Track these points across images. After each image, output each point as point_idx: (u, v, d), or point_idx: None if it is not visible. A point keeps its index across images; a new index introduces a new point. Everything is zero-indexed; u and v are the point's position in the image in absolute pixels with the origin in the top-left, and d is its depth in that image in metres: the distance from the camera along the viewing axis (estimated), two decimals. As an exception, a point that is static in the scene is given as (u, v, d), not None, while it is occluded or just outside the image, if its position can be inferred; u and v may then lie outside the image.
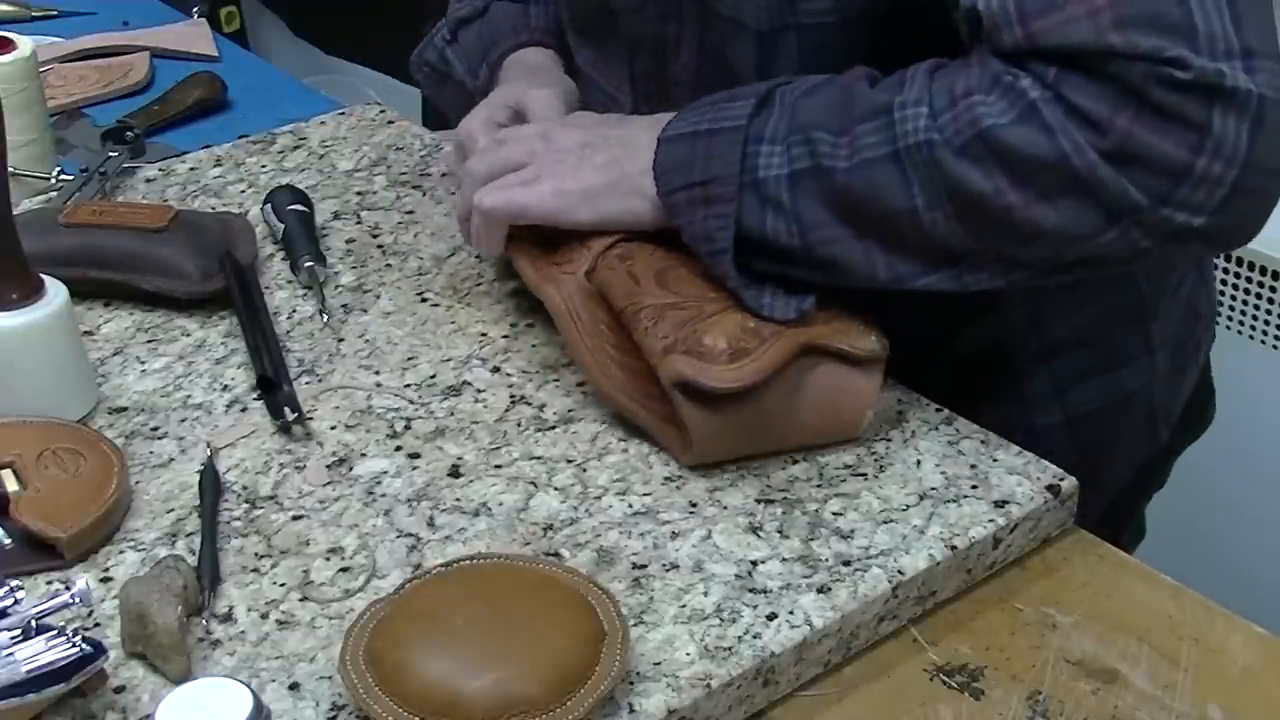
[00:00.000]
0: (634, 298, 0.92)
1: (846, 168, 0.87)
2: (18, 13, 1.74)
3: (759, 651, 0.78)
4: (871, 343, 0.91)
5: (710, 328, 0.88)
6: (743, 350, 0.87)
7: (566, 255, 0.98)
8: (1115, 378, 1.08)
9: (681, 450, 0.90)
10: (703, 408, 0.87)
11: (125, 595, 0.77)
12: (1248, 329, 1.80)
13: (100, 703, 0.75)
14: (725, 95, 0.92)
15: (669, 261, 0.94)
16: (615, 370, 0.93)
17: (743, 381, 0.86)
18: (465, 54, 1.20)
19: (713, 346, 0.87)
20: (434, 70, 1.23)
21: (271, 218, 1.17)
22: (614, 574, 0.83)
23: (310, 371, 1.01)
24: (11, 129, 0.97)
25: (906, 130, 0.85)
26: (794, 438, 0.91)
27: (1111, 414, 1.09)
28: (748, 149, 0.89)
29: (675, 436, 0.90)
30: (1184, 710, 0.78)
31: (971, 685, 0.80)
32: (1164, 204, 0.80)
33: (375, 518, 0.87)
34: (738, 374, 0.86)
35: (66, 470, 0.87)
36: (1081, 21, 0.79)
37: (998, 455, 0.92)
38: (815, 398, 0.90)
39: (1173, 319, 1.10)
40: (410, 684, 0.72)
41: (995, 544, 0.87)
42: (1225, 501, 1.21)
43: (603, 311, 0.96)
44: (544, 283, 0.98)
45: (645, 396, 0.92)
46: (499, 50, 1.17)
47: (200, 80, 1.52)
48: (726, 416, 0.88)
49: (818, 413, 0.90)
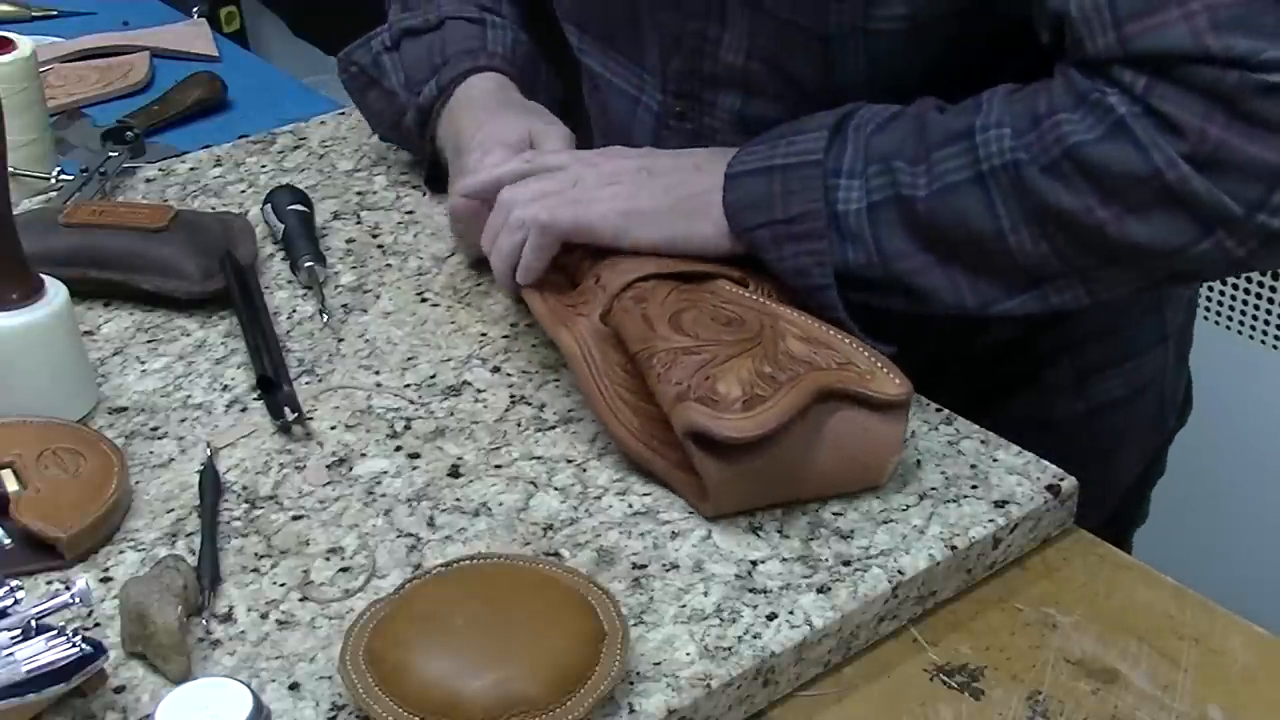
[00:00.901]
0: (648, 342, 0.89)
1: (927, 194, 0.87)
2: (18, 13, 1.74)
3: (759, 651, 0.78)
4: (895, 386, 0.85)
5: (724, 374, 0.85)
6: (758, 398, 0.83)
7: (581, 296, 0.96)
8: (1134, 368, 1.09)
9: (699, 499, 0.86)
10: (718, 458, 0.83)
11: (125, 595, 0.77)
12: (1247, 329, 1.80)
13: (100, 703, 0.75)
14: (790, 128, 0.92)
15: (684, 303, 0.91)
16: (630, 415, 0.90)
17: (757, 431, 0.82)
18: (406, 65, 1.16)
19: (726, 394, 0.83)
20: (362, 72, 1.19)
21: (271, 218, 1.17)
22: (614, 574, 0.83)
23: (310, 371, 1.01)
24: (11, 129, 0.97)
25: (990, 152, 0.85)
26: (815, 487, 0.87)
27: (1129, 404, 1.10)
28: (827, 182, 0.89)
29: (692, 484, 0.86)
30: (1184, 710, 0.78)
31: (971, 685, 0.80)
32: (1259, 210, 0.80)
33: (375, 518, 0.87)
34: (752, 423, 0.82)
35: (66, 470, 0.87)
36: (1178, 25, 0.79)
37: (998, 455, 0.92)
38: (836, 445, 0.86)
39: (1180, 307, 1.12)
40: (410, 684, 0.72)
41: (995, 544, 0.86)
42: (1225, 502, 1.21)
43: (617, 354, 0.92)
44: (558, 325, 0.95)
45: (661, 443, 0.88)
46: (455, 71, 1.12)
47: (200, 80, 1.52)
48: (743, 466, 0.84)
49: (839, 460, 0.86)
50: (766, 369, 0.85)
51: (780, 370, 0.85)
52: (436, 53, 1.15)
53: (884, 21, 0.92)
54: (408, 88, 1.15)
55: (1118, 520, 0.99)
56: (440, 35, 1.16)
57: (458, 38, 1.15)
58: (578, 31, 1.14)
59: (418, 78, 1.14)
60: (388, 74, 1.17)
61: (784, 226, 0.90)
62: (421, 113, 1.14)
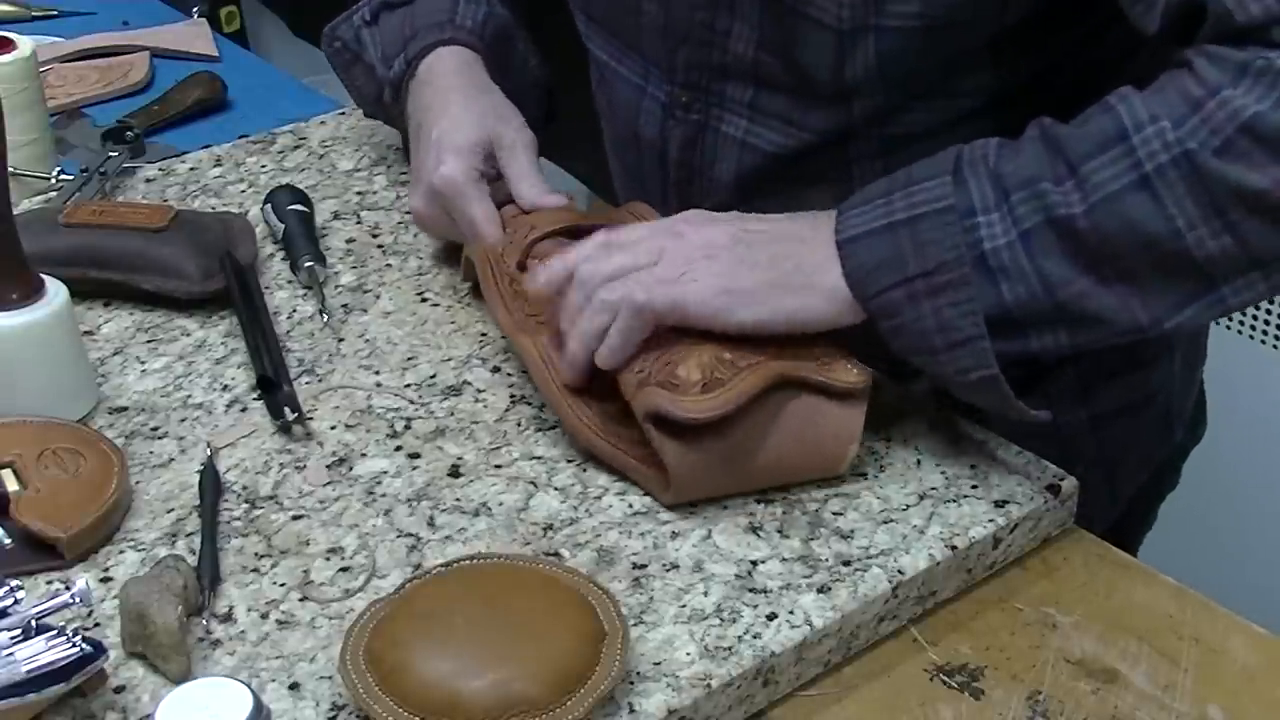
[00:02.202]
0: None
1: (1086, 210, 0.81)
2: (18, 13, 1.74)
3: (759, 651, 0.78)
4: (853, 375, 0.87)
5: (684, 359, 0.86)
6: (716, 381, 0.84)
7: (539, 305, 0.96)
8: (1139, 378, 1.08)
9: (661, 490, 0.87)
10: (679, 442, 0.84)
11: (125, 595, 0.77)
12: (1247, 329, 1.80)
13: (100, 703, 0.75)
14: (898, 182, 0.86)
15: None
16: (592, 414, 0.91)
17: (715, 411, 0.83)
18: (382, 40, 1.14)
19: (686, 378, 0.84)
20: (346, 48, 1.18)
21: (271, 218, 1.17)
22: (614, 574, 0.83)
23: (310, 371, 1.01)
24: (11, 129, 0.97)
25: (1153, 150, 0.80)
26: (774, 474, 0.88)
27: (1133, 414, 1.08)
28: (965, 223, 0.83)
29: (654, 477, 0.87)
30: (1184, 710, 0.78)
31: (971, 685, 0.80)
32: None
33: (375, 518, 0.87)
34: (710, 404, 0.83)
35: (66, 470, 0.87)
36: None
37: (998, 455, 0.92)
38: (794, 432, 0.87)
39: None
40: (410, 684, 0.72)
41: (995, 544, 0.86)
42: (1225, 501, 1.21)
43: None
44: (518, 332, 0.96)
45: (622, 440, 0.89)
46: (421, 44, 1.11)
47: (200, 80, 1.52)
48: (703, 450, 0.85)
49: (798, 447, 0.87)
50: (726, 355, 0.86)
51: (740, 357, 0.86)
52: (407, 25, 1.13)
53: (896, 18, 0.91)
54: (384, 62, 1.14)
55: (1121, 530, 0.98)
56: (412, 9, 1.14)
57: (428, 10, 1.13)
58: (584, 18, 1.13)
59: (391, 52, 1.13)
60: (367, 49, 1.16)
61: (922, 281, 0.83)
62: (394, 88, 1.13)
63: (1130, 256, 0.82)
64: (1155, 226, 0.80)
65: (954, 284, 0.83)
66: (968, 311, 0.83)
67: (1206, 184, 0.79)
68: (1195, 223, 0.80)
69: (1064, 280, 0.83)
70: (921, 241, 0.84)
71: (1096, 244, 0.82)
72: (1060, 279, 0.83)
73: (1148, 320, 0.83)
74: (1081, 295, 0.83)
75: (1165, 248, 0.81)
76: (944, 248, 0.83)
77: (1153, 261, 0.82)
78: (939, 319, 0.84)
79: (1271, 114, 0.77)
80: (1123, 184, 0.80)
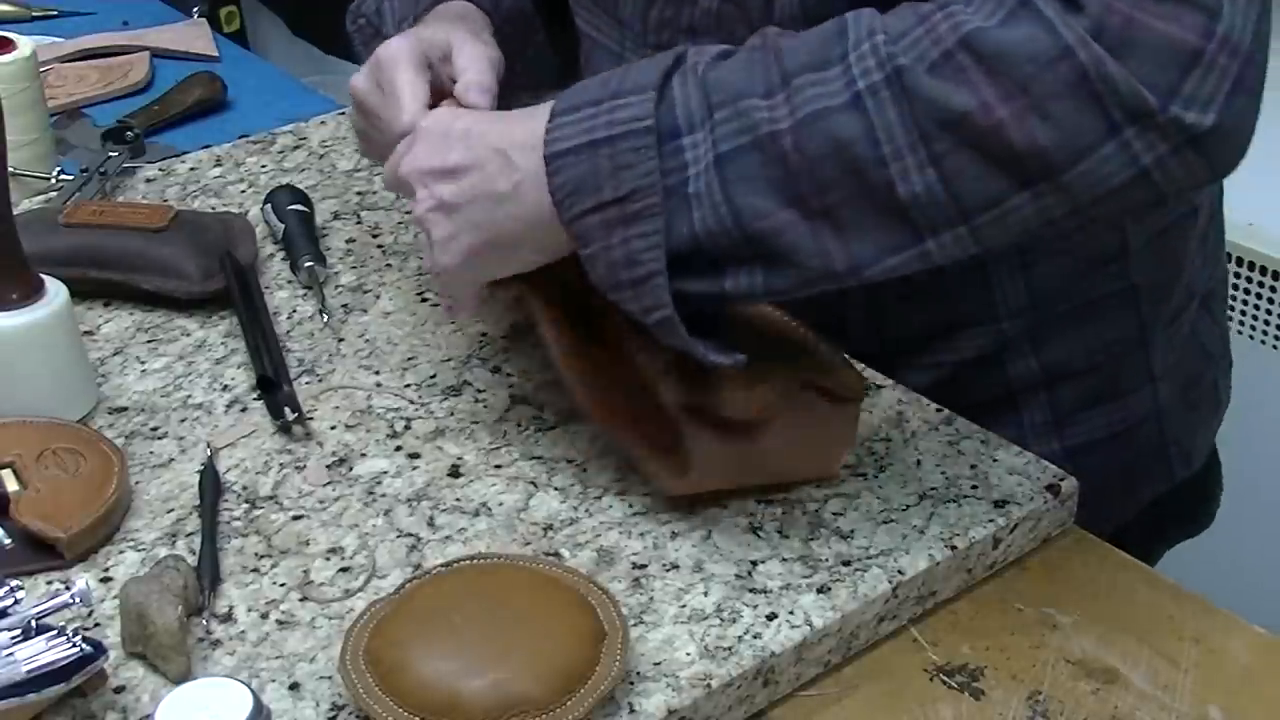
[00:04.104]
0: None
1: (791, 127, 0.75)
2: (18, 13, 1.74)
3: (759, 651, 0.78)
4: (856, 379, 0.88)
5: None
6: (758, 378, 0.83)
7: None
8: (1117, 408, 1.05)
9: (671, 475, 0.86)
10: (707, 431, 0.84)
11: (125, 595, 0.77)
12: (1248, 329, 1.80)
13: (100, 703, 0.75)
14: (614, 83, 0.80)
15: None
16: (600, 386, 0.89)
17: (758, 411, 0.84)
18: (397, 7, 1.10)
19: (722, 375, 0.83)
20: (369, 23, 1.14)
21: (271, 218, 1.17)
22: (614, 574, 0.83)
23: (310, 371, 1.01)
24: (11, 129, 0.97)
25: (867, 67, 0.74)
26: (777, 472, 0.88)
27: (1114, 446, 1.05)
28: (664, 148, 0.78)
29: (664, 464, 0.86)
30: (1184, 710, 0.78)
31: (971, 685, 0.80)
32: (1172, 98, 0.71)
33: (375, 518, 0.87)
34: (752, 399, 0.83)
35: (66, 470, 0.87)
36: None
37: (998, 455, 0.92)
38: (801, 432, 0.87)
39: (1174, 349, 1.07)
40: (410, 684, 0.72)
41: (995, 544, 0.86)
42: (1226, 501, 1.21)
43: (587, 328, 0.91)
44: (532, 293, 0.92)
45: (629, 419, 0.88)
46: (425, 3, 1.06)
47: (200, 80, 1.52)
48: (726, 443, 0.85)
49: (802, 448, 0.87)
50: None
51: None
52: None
53: None
54: (396, 27, 1.09)
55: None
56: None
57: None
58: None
59: (403, 14, 1.09)
60: (385, 21, 1.12)
61: (615, 208, 0.78)
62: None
63: (833, 188, 0.75)
64: (861, 150, 0.74)
65: (643, 214, 0.77)
66: (652, 245, 0.78)
67: (915, 105, 0.73)
68: (902, 151, 0.74)
69: (758, 211, 0.76)
70: (618, 165, 0.78)
71: (798, 167, 0.75)
72: (754, 210, 0.76)
73: (844, 265, 0.77)
74: (776, 230, 0.77)
75: (870, 178, 0.75)
76: (638, 173, 0.77)
77: (855, 193, 0.75)
78: (627, 251, 0.78)
79: (995, 30, 0.72)
80: (833, 103, 0.74)
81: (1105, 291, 1.02)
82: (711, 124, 0.77)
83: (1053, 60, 0.71)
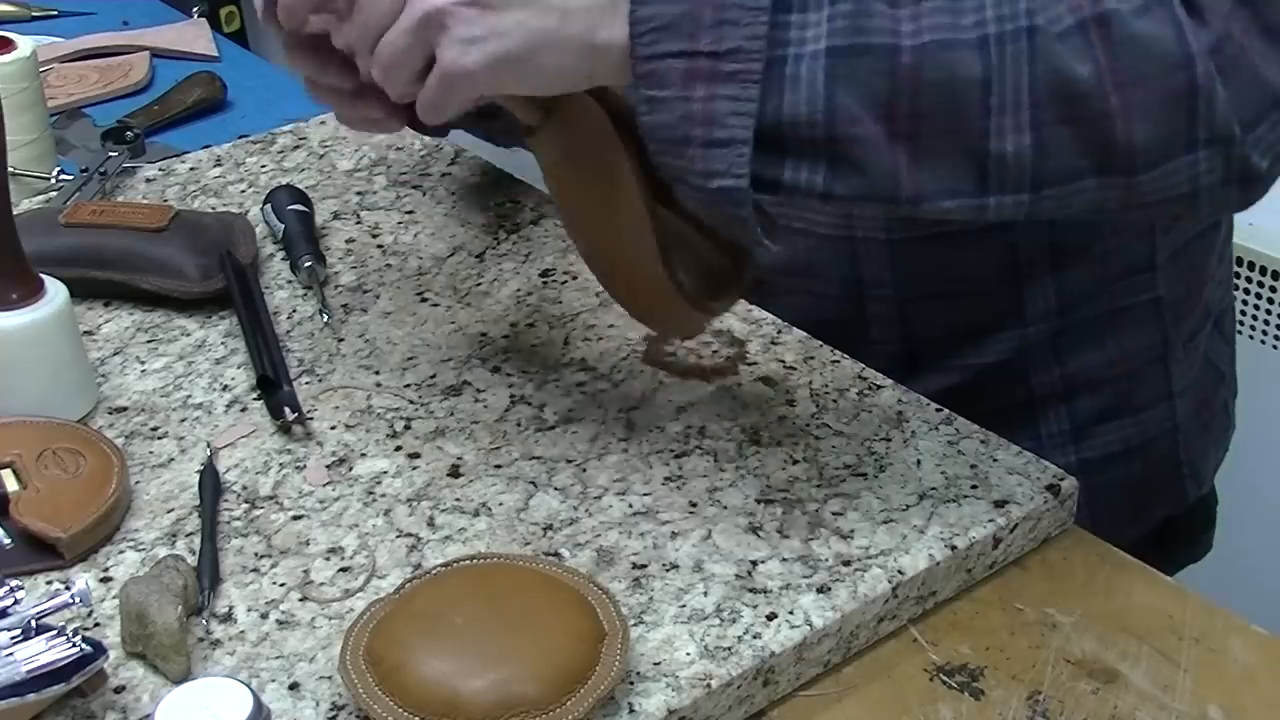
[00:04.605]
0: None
1: (912, 46, 0.73)
2: (18, 13, 1.74)
3: (759, 651, 0.78)
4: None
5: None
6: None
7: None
8: (1134, 422, 1.05)
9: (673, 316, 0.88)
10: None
11: (125, 595, 0.77)
12: (1248, 329, 1.80)
13: (100, 703, 0.75)
14: None
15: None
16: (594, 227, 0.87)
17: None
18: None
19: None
20: None
21: (271, 218, 1.17)
22: (614, 574, 0.83)
23: (310, 371, 1.01)
24: (11, 129, 0.97)
25: (1002, 14, 0.73)
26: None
27: (1129, 461, 1.06)
28: (776, 17, 0.74)
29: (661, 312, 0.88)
30: (1184, 710, 0.78)
31: (971, 685, 0.80)
32: (1247, 134, 0.73)
33: (375, 518, 0.87)
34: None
35: (66, 470, 0.87)
36: None
37: (998, 455, 0.92)
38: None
39: (1191, 368, 1.07)
40: (410, 684, 0.72)
41: (995, 544, 0.86)
42: (1226, 501, 1.21)
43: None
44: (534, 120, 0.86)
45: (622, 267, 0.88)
46: None
47: (200, 80, 1.52)
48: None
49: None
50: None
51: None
52: None
53: None
54: None
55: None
56: None
57: None
58: None
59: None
60: None
61: (708, 61, 0.73)
62: None
63: (929, 117, 0.74)
64: (972, 93, 0.73)
65: (738, 76, 0.73)
66: (743, 112, 0.74)
67: (1036, 67, 0.72)
68: (1006, 106, 0.73)
69: (852, 115, 0.74)
70: (724, 19, 0.73)
71: (905, 87, 0.74)
72: (848, 113, 0.74)
73: (908, 192, 0.76)
74: (861, 138, 0.74)
75: (968, 122, 0.74)
76: (744, 33, 0.73)
77: (947, 130, 0.74)
78: (709, 109, 0.74)
79: (1130, 17, 0.72)
80: (961, 37, 0.73)
81: (1131, 302, 1.02)
82: (830, 13, 0.74)
83: (1173, 66, 0.72)
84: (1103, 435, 1.04)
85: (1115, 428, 1.04)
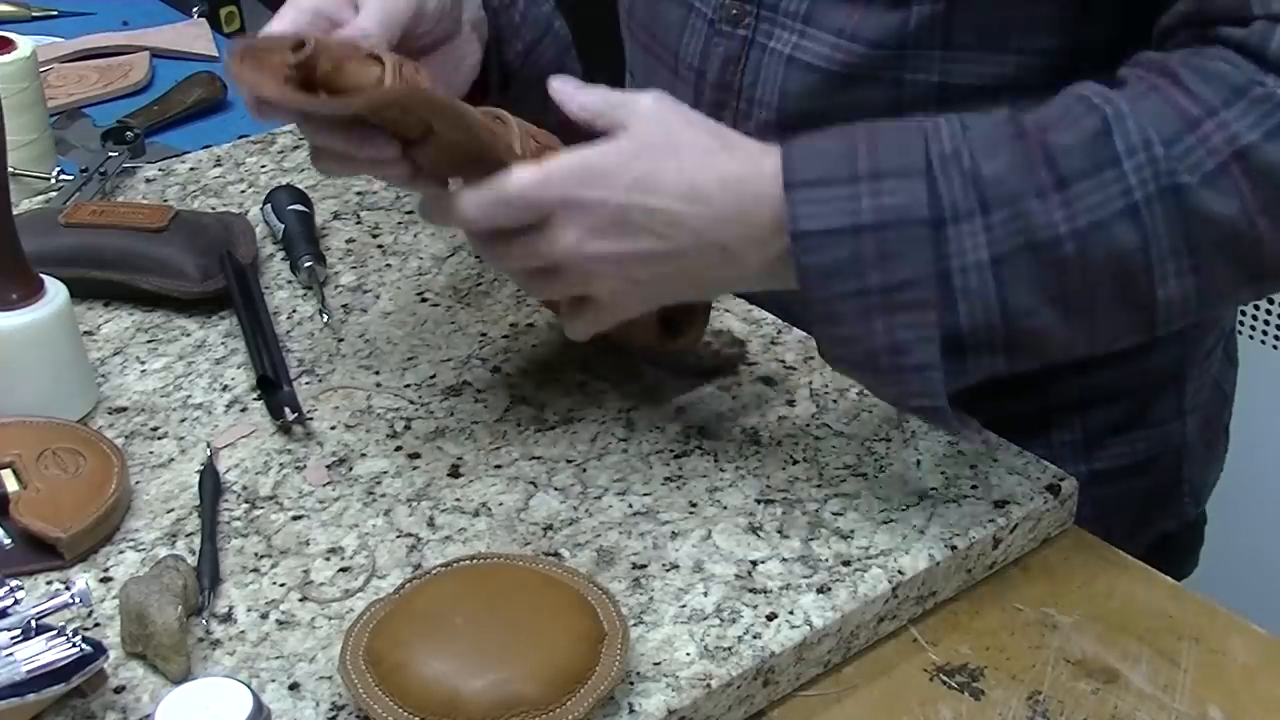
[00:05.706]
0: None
1: (1071, 233, 0.75)
2: (18, 13, 1.74)
3: (759, 651, 0.78)
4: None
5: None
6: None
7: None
8: (1143, 437, 1.05)
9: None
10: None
11: (125, 595, 0.77)
12: (1248, 329, 1.80)
13: (100, 703, 0.75)
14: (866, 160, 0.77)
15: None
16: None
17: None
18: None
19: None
20: None
21: (271, 218, 1.17)
22: (614, 574, 0.83)
23: (310, 371, 1.01)
24: (11, 129, 0.97)
25: (1144, 178, 0.75)
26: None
27: (1134, 476, 1.05)
28: (936, 235, 0.75)
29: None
30: (1184, 710, 0.78)
31: (971, 685, 0.80)
32: None
33: (375, 518, 0.87)
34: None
35: (66, 470, 0.87)
36: None
37: (998, 455, 0.92)
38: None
39: (1202, 387, 1.07)
40: (410, 684, 0.72)
41: (995, 544, 0.86)
42: (1226, 501, 1.21)
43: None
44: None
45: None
46: None
47: (200, 80, 1.52)
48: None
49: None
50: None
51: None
52: None
53: None
54: None
55: None
56: None
57: None
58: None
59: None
60: None
61: (881, 297, 0.76)
62: None
63: (1100, 288, 0.77)
64: (1135, 259, 0.76)
65: (914, 305, 0.76)
66: (926, 338, 0.77)
67: (1189, 220, 0.75)
68: (1165, 257, 0.76)
69: (1026, 310, 0.77)
70: (886, 253, 0.76)
71: (1074, 271, 0.76)
72: (1023, 308, 0.77)
73: (1087, 350, 0.81)
74: (1039, 328, 0.78)
75: (1136, 282, 0.77)
76: (911, 263, 0.76)
77: (1118, 293, 0.77)
78: (892, 340, 0.77)
79: (1264, 145, 0.74)
80: (1112, 210, 0.75)
81: None
82: (987, 222, 0.76)
83: None
84: (1114, 448, 1.04)
85: (1126, 441, 1.04)
